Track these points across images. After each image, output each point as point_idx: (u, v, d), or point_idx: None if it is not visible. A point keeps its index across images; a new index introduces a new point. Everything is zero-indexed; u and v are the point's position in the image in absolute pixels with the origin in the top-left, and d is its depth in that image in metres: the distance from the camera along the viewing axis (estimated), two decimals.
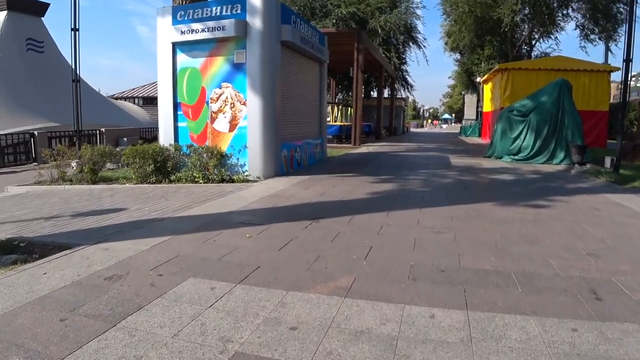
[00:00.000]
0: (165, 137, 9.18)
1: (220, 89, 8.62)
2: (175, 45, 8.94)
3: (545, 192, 6.96)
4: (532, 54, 34.48)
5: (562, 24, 32.31)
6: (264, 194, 6.60)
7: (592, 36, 32.00)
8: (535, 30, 33.85)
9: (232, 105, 8.53)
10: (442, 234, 4.38)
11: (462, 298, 2.82)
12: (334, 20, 24.47)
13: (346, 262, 3.51)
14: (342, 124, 19.92)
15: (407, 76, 35.54)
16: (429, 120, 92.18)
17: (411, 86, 36.00)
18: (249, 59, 8.27)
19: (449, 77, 62.44)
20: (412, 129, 56.71)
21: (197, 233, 4.37)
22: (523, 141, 12.25)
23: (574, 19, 31.43)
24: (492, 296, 2.84)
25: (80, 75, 12.36)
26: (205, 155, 8.41)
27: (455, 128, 64.03)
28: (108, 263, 3.46)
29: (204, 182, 8.06)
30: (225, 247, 3.88)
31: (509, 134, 12.50)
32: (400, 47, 33.75)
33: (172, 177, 8.38)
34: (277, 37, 8.57)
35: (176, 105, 9.08)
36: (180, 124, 9.11)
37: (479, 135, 30.65)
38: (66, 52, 20.82)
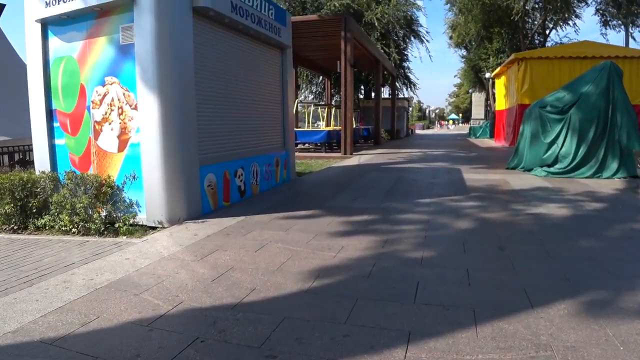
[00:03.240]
0: (40, 161, 6.12)
1: (103, 86, 5.52)
2: (45, 25, 5.89)
3: None
4: (546, 45, 31.12)
5: (578, 10, 29.15)
6: (96, 281, 3.47)
7: (613, 22, 28.79)
8: (549, 18, 30.66)
9: (120, 110, 5.43)
10: None
11: None
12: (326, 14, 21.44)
13: None
14: (330, 128, 16.77)
15: (409, 74, 32.37)
16: (444, 122, 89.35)
17: (414, 85, 32.84)
18: (139, 39, 5.18)
19: (455, 76, 59.42)
20: (418, 131, 53.55)
21: None
22: (561, 147, 9.04)
23: (593, 2, 28.22)
24: None
25: None
26: (81, 189, 5.33)
27: (463, 128, 60.89)
28: None
29: (78, 233, 5.00)
30: None
31: (541, 138, 9.29)
32: (401, 42, 30.68)
33: (40, 223, 5.32)
34: (187, 3, 5.47)
35: (51, 114, 6.01)
36: (57, 141, 6.03)
37: (490, 136, 27.51)
38: None
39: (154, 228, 5.17)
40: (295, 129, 17.25)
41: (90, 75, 5.58)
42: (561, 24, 28.77)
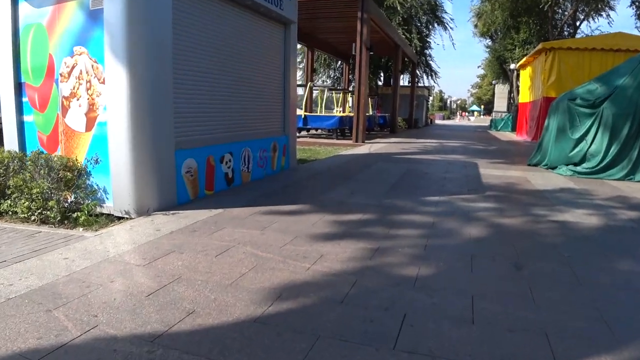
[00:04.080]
0: (9, 139, 5.52)
1: (72, 57, 4.86)
2: None
3: None
4: (576, 37, 29.67)
5: (611, 1, 27.66)
6: (15, 287, 2.83)
7: None
8: (580, 9, 29.20)
9: (89, 84, 4.78)
10: None
11: None
12: None
13: None
14: (343, 114, 16.00)
15: (430, 61, 31.26)
16: (465, 113, 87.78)
17: (435, 73, 31.74)
18: (108, 2, 4.48)
19: (478, 67, 57.69)
20: (438, 121, 52.33)
21: None
22: (590, 145, 8.16)
23: None
24: None
25: None
26: (41, 172, 4.71)
27: (484, 120, 59.44)
28: None
29: (36, 222, 4.40)
30: None
31: (568, 133, 8.40)
32: (424, 28, 29.61)
33: (1, 208, 4.73)
34: None
35: (20, 88, 5.38)
36: (26, 118, 5.41)
37: (512, 130, 26.45)
38: None
39: (121, 219, 4.54)
40: (306, 113, 16.57)
41: (59, 44, 4.91)
42: (593, 14, 27.28)
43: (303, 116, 15.91)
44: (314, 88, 18.96)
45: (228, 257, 3.32)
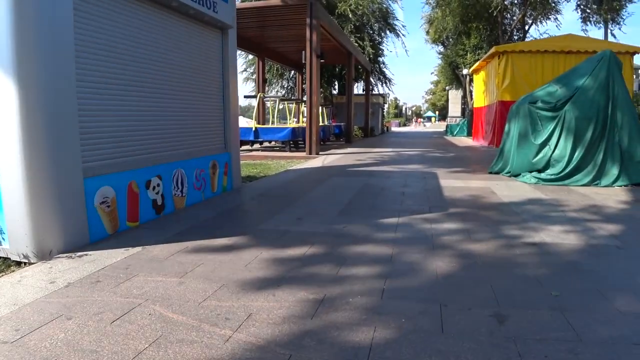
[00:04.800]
0: None
1: None
2: None
3: None
4: (526, 41, 30.18)
5: (558, 6, 28.29)
6: None
7: (594, 17, 27.98)
8: (528, 14, 29.77)
9: None
10: None
11: None
12: None
13: None
14: (296, 125, 15.26)
15: (384, 69, 31.06)
16: (420, 120, 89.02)
17: (389, 80, 31.54)
18: None
19: (432, 73, 58.51)
20: (394, 128, 52.47)
21: None
22: (554, 150, 7.70)
23: None
24: None
25: None
26: None
27: (439, 126, 60.19)
28: None
29: None
30: None
31: (531, 138, 7.93)
32: (376, 36, 29.39)
33: None
34: None
35: None
36: None
37: (468, 135, 26.44)
38: None
39: (20, 263, 3.60)
40: (257, 125, 15.73)
41: None
42: (541, 18, 27.79)
43: (254, 129, 15.07)
44: (265, 99, 18.15)
45: (127, 324, 2.47)
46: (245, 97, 17.93)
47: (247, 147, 16.70)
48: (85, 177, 4.16)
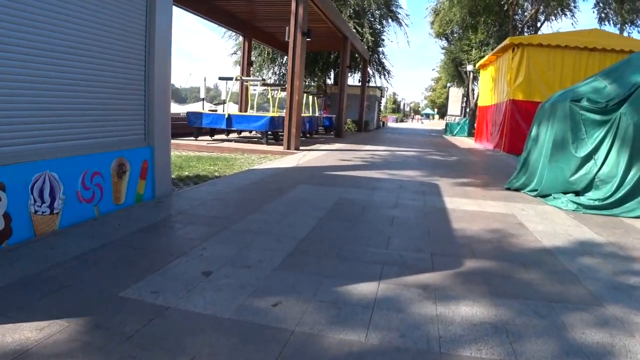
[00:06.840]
0: None
1: None
2: None
3: None
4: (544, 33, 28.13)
5: (575, 3, 26.18)
6: None
7: (613, 18, 25.91)
8: (541, 11, 27.64)
9: None
10: None
11: None
12: None
13: None
14: (275, 115, 13.11)
15: (384, 59, 28.86)
16: (418, 117, 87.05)
17: (389, 72, 29.35)
18: None
19: (433, 69, 56.34)
20: (390, 124, 50.40)
21: None
22: (601, 166, 5.65)
23: None
24: None
25: None
26: None
27: (437, 124, 58.20)
28: None
29: None
30: None
31: (570, 149, 5.85)
32: (377, 23, 27.18)
33: None
34: None
35: None
36: None
37: (469, 135, 24.43)
38: None
39: None
40: (230, 112, 13.59)
41: None
42: (557, 12, 25.64)
43: (227, 116, 12.91)
44: (245, 82, 15.97)
45: None
46: (220, 78, 15.64)
47: (223, 136, 14.57)
48: None
